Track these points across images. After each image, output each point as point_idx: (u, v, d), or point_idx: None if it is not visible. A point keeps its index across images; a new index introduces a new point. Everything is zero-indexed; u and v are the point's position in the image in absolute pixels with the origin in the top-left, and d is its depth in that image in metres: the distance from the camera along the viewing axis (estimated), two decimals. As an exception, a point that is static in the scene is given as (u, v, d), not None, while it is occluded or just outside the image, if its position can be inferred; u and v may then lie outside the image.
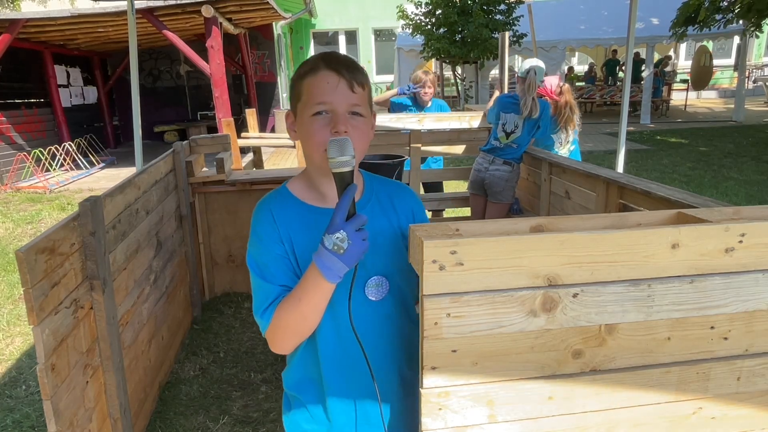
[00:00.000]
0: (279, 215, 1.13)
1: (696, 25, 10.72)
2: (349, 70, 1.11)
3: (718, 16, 10.36)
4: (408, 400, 1.22)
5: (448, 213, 5.91)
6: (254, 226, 1.15)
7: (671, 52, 17.80)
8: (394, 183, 1.29)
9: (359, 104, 1.12)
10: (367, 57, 17.29)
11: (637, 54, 14.61)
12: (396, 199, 1.23)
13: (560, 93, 4.01)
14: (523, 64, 4.00)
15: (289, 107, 1.20)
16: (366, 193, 1.21)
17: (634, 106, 13.99)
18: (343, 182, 1.03)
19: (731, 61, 17.37)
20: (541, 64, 3.92)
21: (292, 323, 1.08)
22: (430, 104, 4.83)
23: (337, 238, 0.98)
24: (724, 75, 18.52)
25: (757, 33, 10.58)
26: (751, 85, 17.47)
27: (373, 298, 1.15)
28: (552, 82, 4.07)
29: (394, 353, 1.19)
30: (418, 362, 1.21)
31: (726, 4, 10.10)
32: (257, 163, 7.15)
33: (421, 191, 4.99)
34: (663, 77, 14.83)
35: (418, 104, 4.82)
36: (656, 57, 15.09)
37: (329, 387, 1.17)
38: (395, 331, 1.18)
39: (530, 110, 3.81)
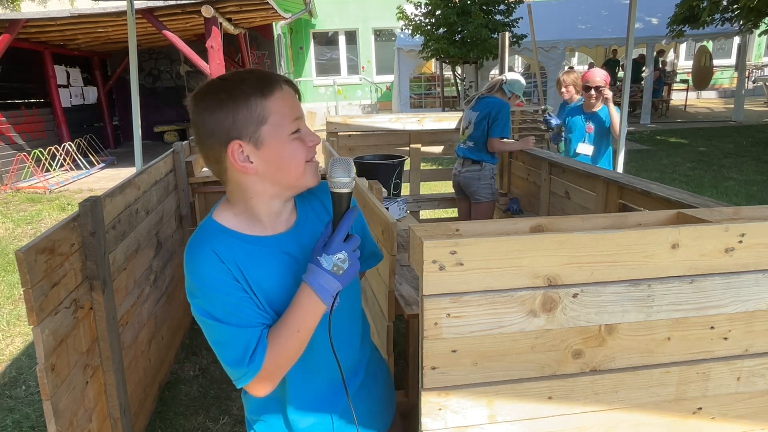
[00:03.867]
0: (225, 253, 1.01)
1: (696, 25, 10.72)
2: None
3: (717, 16, 10.37)
4: (366, 378, 1.24)
5: (448, 213, 5.91)
6: (197, 273, 1.00)
7: (671, 52, 17.80)
8: (325, 186, 1.17)
9: None
10: (367, 57, 17.28)
11: (641, 56, 14.59)
12: (325, 199, 1.15)
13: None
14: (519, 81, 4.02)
15: (229, 138, 1.00)
16: (298, 203, 1.15)
17: (634, 106, 13.99)
18: (342, 203, 1.02)
19: (731, 61, 17.35)
20: (521, 80, 3.97)
21: (291, 357, 1.02)
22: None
23: (339, 258, 0.98)
24: (724, 75, 18.52)
25: (754, 29, 10.57)
26: (751, 85, 17.46)
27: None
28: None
29: (348, 350, 1.17)
30: (365, 338, 1.25)
31: (726, 3, 10.11)
32: (257, 163, 7.15)
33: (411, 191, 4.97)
34: (664, 77, 14.83)
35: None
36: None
37: (293, 398, 1.14)
38: (347, 333, 1.18)
39: (473, 101, 4.01)
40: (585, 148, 4.03)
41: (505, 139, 3.89)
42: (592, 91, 3.93)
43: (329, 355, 1.09)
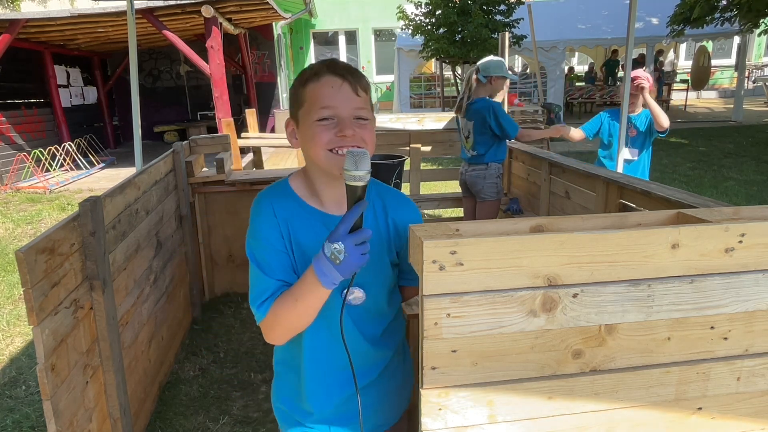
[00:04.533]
0: (280, 211, 1.15)
1: (692, 24, 10.73)
2: (352, 74, 1.12)
3: (716, 15, 10.38)
4: (383, 375, 1.28)
5: (448, 213, 5.92)
6: (254, 219, 1.16)
7: (671, 52, 17.80)
8: (395, 193, 1.27)
9: (363, 107, 1.12)
10: (367, 57, 17.28)
11: (641, 56, 14.60)
12: (392, 211, 1.22)
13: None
14: (493, 62, 3.85)
15: (288, 110, 1.21)
16: None
17: (634, 106, 13.97)
18: (354, 196, 1.02)
19: (731, 61, 17.35)
20: (493, 59, 3.84)
21: (288, 320, 1.11)
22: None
23: (335, 248, 0.99)
24: (724, 75, 18.52)
25: (753, 29, 10.56)
26: (751, 85, 17.46)
27: (352, 302, 1.18)
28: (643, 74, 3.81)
29: (368, 345, 1.23)
30: (387, 340, 1.28)
31: (725, 2, 10.11)
32: (257, 163, 7.15)
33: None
34: (663, 77, 14.84)
35: None
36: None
37: (307, 366, 1.22)
38: (370, 328, 1.23)
39: (462, 109, 3.83)
40: (629, 153, 3.83)
41: (530, 130, 3.86)
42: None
43: (341, 342, 1.13)
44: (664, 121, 3.69)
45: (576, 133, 4.02)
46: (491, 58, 3.86)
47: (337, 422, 1.27)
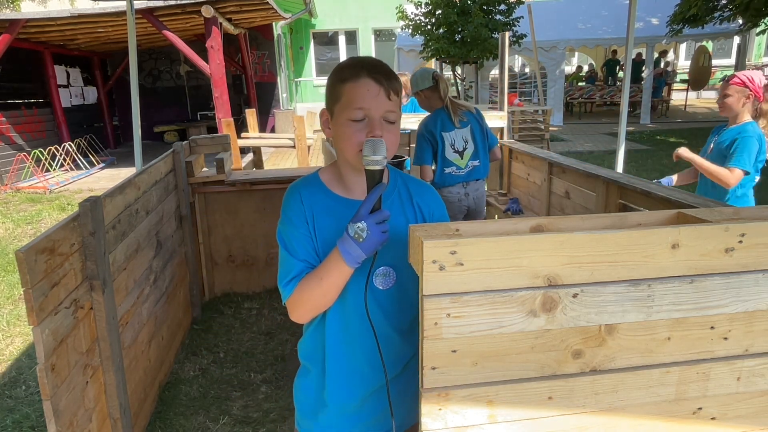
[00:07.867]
0: (306, 198, 1.25)
1: (692, 24, 10.73)
2: (387, 78, 1.21)
3: (715, 14, 10.38)
4: (404, 373, 1.32)
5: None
6: (284, 206, 1.27)
7: (671, 52, 17.80)
8: (418, 182, 1.38)
9: (393, 111, 1.22)
10: (367, 57, 17.26)
11: (639, 55, 14.61)
12: (417, 197, 1.32)
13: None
14: (417, 74, 3.47)
15: (324, 106, 1.29)
16: (389, 188, 1.29)
17: (634, 106, 14.00)
18: (374, 179, 1.13)
19: (731, 61, 17.36)
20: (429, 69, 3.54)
21: (313, 298, 1.20)
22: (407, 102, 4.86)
23: (358, 227, 1.09)
24: (724, 75, 18.51)
25: (753, 29, 10.57)
26: (751, 85, 17.41)
27: (380, 287, 1.24)
28: (758, 76, 2.87)
29: (394, 334, 1.28)
30: (413, 333, 1.27)
31: (724, 1, 10.12)
32: (257, 163, 7.16)
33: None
34: (665, 77, 14.86)
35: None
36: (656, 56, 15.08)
37: (329, 361, 1.28)
38: (397, 315, 1.28)
39: (460, 115, 3.42)
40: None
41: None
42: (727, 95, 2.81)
43: (367, 331, 1.17)
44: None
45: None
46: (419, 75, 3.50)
47: (357, 420, 1.31)
